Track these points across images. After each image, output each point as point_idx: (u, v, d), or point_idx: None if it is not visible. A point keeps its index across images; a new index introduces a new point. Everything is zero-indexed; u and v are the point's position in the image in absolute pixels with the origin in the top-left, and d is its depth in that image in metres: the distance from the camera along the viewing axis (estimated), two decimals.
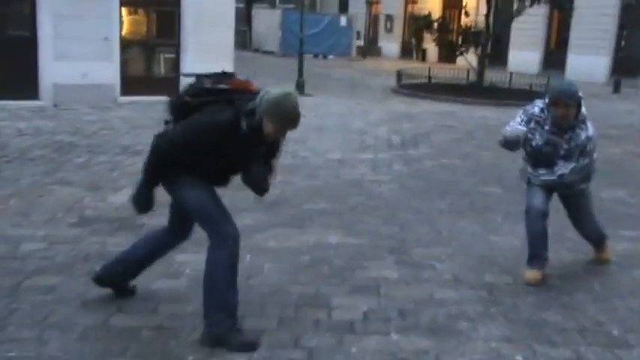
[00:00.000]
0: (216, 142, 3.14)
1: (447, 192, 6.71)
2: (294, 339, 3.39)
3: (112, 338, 3.32)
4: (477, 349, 3.38)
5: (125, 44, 12.18)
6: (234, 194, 3.80)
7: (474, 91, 16.09)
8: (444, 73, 17.80)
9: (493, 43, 18.18)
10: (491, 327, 3.64)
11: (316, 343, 3.35)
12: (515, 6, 17.06)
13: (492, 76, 16.95)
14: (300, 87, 14.88)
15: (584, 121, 4.15)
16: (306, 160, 8.01)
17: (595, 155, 4.27)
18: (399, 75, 17.78)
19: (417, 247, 4.91)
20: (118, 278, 3.70)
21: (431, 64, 23.16)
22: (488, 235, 5.32)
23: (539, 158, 4.25)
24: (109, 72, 11.74)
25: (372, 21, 32.78)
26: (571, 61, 22.07)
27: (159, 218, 3.90)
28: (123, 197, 5.92)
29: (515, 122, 4.27)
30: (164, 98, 3.59)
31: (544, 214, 4.26)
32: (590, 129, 4.18)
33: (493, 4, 16.50)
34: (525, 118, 4.24)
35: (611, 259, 4.77)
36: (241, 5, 29.07)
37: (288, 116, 3.11)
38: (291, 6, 33.35)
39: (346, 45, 28.59)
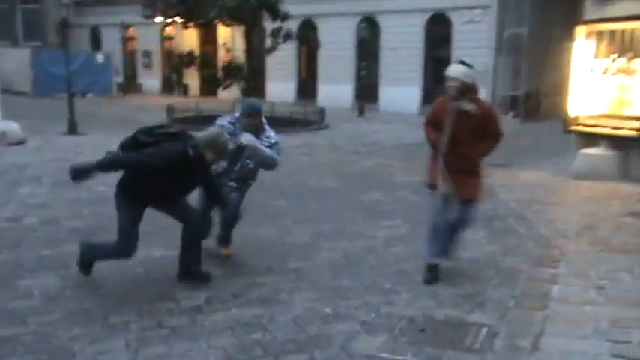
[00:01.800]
0: (173, 165, 4.43)
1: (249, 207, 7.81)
2: (156, 323, 4.18)
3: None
4: (296, 308, 4.51)
5: None
6: None
7: None
8: (211, 105, 19.00)
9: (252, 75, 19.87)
10: (304, 294, 4.80)
11: (176, 323, 4.19)
12: (267, 43, 18.87)
13: None
14: (73, 127, 14.85)
15: (265, 129, 5.47)
16: None
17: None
18: (170, 109, 18.54)
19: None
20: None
21: (193, 98, 24.30)
22: (286, 235, 6.53)
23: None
24: None
25: (130, 57, 32.87)
26: (321, 90, 24.85)
27: None
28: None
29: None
30: None
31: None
32: (272, 134, 5.48)
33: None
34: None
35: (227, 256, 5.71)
36: None
37: (222, 148, 4.69)
38: (36, 43, 32.01)
39: (105, 82, 28.31)
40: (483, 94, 20.92)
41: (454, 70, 4.90)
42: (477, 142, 4.90)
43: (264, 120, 5.52)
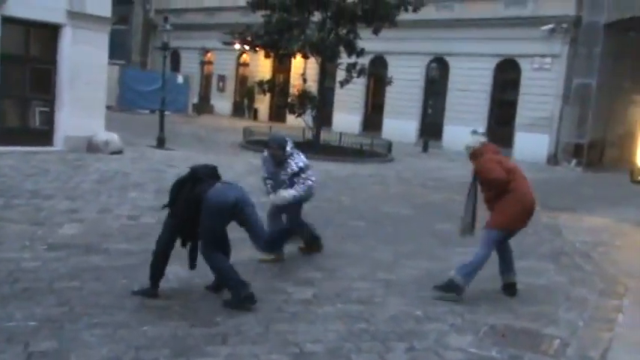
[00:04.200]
0: None
1: (327, 225, 8.65)
2: (277, 308, 5.01)
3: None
4: (391, 309, 5.26)
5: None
6: None
7: (312, 147, 18.48)
8: (281, 131, 20.10)
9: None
10: (395, 299, 5.54)
11: (293, 310, 5.00)
12: (339, 76, 19.87)
13: (322, 135, 19.57)
14: (162, 142, 16.11)
15: (291, 156, 6.30)
16: None
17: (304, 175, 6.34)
18: (247, 131, 19.71)
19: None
20: None
21: (263, 123, 25.55)
22: (371, 252, 7.31)
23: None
24: None
25: (205, 80, 34.62)
26: (386, 124, 25.72)
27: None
28: (71, 230, 7.05)
29: (263, 170, 6.60)
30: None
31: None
32: (300, 160, 6.34)
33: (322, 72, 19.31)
34: (262, 160, 6.63)
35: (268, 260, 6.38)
36: None
37: None
38: (121, 62, 34.09)
39: (183, 102, 29.96)
40: (546, 139, 21.45)
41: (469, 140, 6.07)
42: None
43: (290, 150, 6.29)
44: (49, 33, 13.11)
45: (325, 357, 4.17)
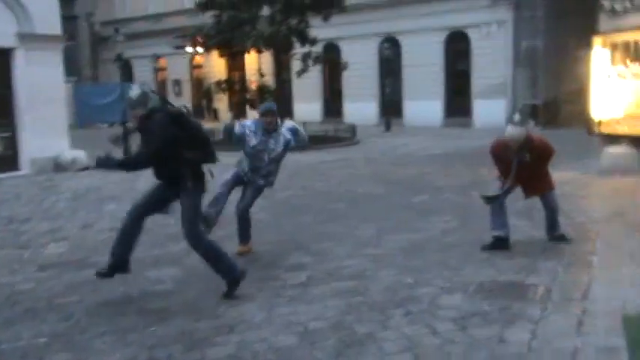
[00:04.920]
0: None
1: (308, 211, 8.87)
2: (275, 294, 5.21)
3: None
4: (384, 281, 5.50)
5: None
6: None
7: None
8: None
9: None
10: (385, 271, 5.80)
11: (291, 293, 5.21)
12: (295, 66, 20.01)
13: None
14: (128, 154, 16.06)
15: (280, 126, 6.55)
16: None
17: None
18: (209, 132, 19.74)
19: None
20: None
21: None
22: (354, 231, 7.55)
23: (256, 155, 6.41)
24: None
25: (160, 86, 34.36)
26: (346, 108, 26.02)
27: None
28: (57, 249, 7.12)
29: (251, 139, 6.37)
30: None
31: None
32: (289, 124, 6.74)
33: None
34: (241, 127, 6.48)
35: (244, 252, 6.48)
36: None
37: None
38: (73, 78, 33.63)
39: None
40: (503, 104, 22.01)
41: (511, 134, 6.25)
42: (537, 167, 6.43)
43: (279, 121, 6.59)
44: (2, 57, 12.96)
45: (330, 331, 4.39)
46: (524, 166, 6.25)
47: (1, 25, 12.62)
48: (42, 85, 13.24)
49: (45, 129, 13.23)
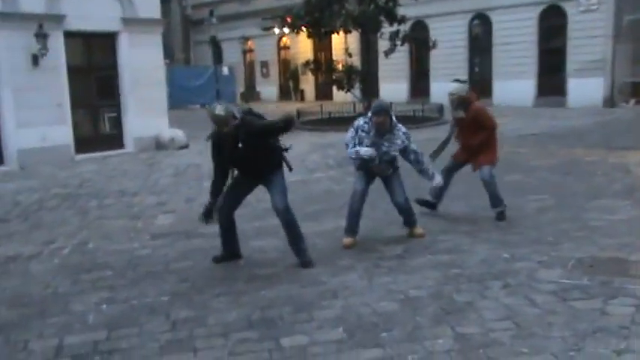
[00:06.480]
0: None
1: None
2: (374, 265, 5.42)
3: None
4: (480, 255, 5.60)
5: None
6: None
7: None
8: (331, 108, 20.55)
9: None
10: (481, 246, 5.88)
11: (389, 264, 5.41)
12: (382, 46, 19.95)
13: None
14: None
15: (396, 126, 5.95)
16: None
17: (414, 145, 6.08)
18: (298, 113, 20.15)
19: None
20: None
21: (310, 103, 25.93)
22: (445, 208, 7.63)
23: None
24: (63, 134, 12.98)
25: (248, 68, 35.20)
26: (433, 87, 25.72)
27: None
28: (166, 220, 7.64)
29: (349, 136, 5.96)
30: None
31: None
32: (402, 128, 5.96)
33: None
34: (354, 130, 5.96)
35: (422, 235, 6.27)
36: None
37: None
38: (167, 61, 34.97)
39: (230, 92, 30.63)
40: (601, 82, 21.11)
41: (453, 88, 6.80)
42: (474, 133, 6.82)
43: (394, 119, 5.91)
44: (108, 41, 13.79)
45: (429, 299, 4.57)
46: (465, 129, 6.77)
47: (106, 11, 13.41)
48: (144, 68, 13.98)
49: (147, 109, 13.99)
